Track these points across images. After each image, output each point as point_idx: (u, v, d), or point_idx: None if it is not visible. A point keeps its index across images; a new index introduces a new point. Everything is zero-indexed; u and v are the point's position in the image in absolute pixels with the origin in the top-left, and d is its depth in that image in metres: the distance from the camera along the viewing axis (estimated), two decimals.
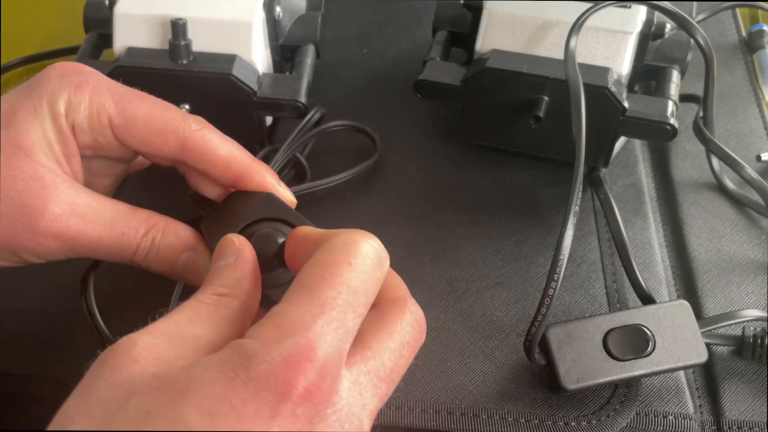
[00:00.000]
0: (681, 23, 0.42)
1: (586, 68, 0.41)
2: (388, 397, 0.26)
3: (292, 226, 0.32)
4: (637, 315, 0.35)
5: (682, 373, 0.36)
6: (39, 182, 0.31)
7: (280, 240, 0.31)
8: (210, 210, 0.34)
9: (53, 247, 0.31)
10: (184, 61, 0.42)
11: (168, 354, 0.24)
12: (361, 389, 0.25)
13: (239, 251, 0.29)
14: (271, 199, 0.33)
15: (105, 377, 0.23)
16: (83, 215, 0.31)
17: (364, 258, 0.26)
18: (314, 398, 0.22)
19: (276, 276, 0.31)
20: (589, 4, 0.41)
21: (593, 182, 0.45)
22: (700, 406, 0.36)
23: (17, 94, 0.33)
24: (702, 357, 0.34)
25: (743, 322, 0.37)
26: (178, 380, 0.22)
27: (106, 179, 0.37)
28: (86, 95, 0.32)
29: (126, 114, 0.32)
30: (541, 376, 0.36)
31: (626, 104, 0.41)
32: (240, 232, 0.31)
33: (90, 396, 0.23)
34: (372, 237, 0.27)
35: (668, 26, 0.43)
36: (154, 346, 0.24)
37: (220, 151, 0.33)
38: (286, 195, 0.34)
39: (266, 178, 0.34)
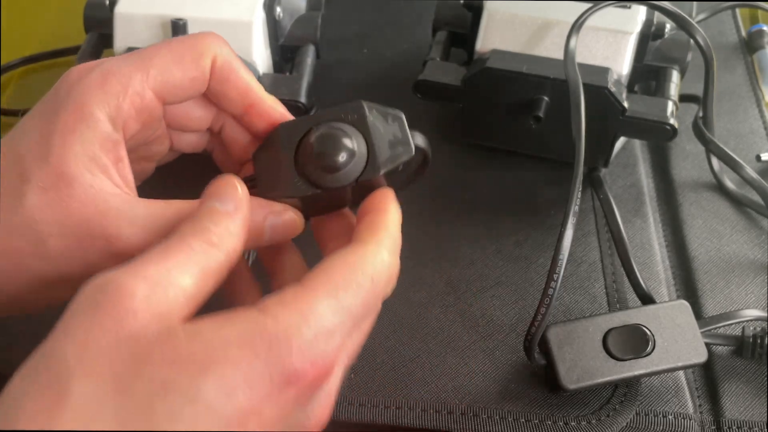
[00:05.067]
0: (681, 23, 0.42)
1: (586, 68, 0.41)
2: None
3: (352, 124, 0.30)
4: (637, 315, 0.35)
5: (681, 372, 0.36)
6: (93, 207, 0.28)
7: (345, 141, 0.30)
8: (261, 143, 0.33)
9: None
10: None
11: (163, 309, 0.23)
12: (341, 371, 0.27)
13: (239, 202, 0.28)
14: (318, 113, 0.32)
15: (104, 328, 0.22)
16: (146, 227, 0.28)
17: (387, 285, 0.28)
18: (317, 388, 0.25)
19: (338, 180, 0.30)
20: (589, 4, 0.41)
21: (593, 182, 0.45)
22: (700, 405, 0.36)
23: (41, 119, 0.29)
24: (702, 357, 0.34)
25: (743, 322, 0.37)
26: (195, 353, 0.22)
27: (147, 163, 0.35)
28: (116, 86, 0.29)
29: (160, 77, 0.30)
30: (541, 376, 0.36)
31: (626, 104, 0.41)
32: (299, 143, 0.30)
33: (90, 347, 0.22)
34: (397, 259, 0.29)
35: (668, 26, 0.43)
36: (150, 299, 0.23)
37: (241, 73, 0.32)
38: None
39: (277, 108, 0.33)
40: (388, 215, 0.30)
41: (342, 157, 0.29)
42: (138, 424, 0.21)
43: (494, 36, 0.44)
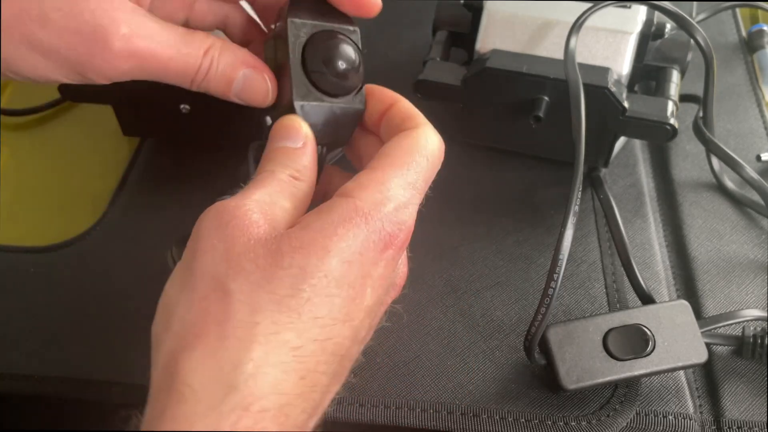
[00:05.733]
0: (681, 23, 0.42)
1: (586, 68, 0.41)
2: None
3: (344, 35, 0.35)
4: (637, 315, 0.35)
5: (682, 373, 0.36)
6: (109, 3, 0.31)
7: (344, 47, 0.34)
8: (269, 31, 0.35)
9: (124, 68, 0.31)
10: None
11: (276, 221, 0.28)
12: None
13: (307, 138, 0.31)
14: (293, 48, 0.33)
15: (237, 238, 0.26)
16: (152, 37, 0.31)
17: (438, 158, 0.32)
18: (403, 249, 0.30)
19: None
20: (589, 4, 0.41)
21: (593, 182, 0.45)
22: (700, 405, 0.36)
23: None
24: (702, 357, 0.34)
25: (743, 322, 0.37)
26: (314, 238, 0.27)
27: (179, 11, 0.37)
28: None
29: None
30: (541, 376, 0.36)
31: (626, 104, 0.41)
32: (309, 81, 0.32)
33: (231, 253, 0.26)
34: (440, 138, 0.32)
35: (668, 26, 0.43)
36: (265, 213, 0.27)
37: None
38: None
39: None
40: (410, 104, 0.33)
41: (354, 60, 0.33)
42: (291, 302, 0.26)
43: (494, 36, 0.44)
